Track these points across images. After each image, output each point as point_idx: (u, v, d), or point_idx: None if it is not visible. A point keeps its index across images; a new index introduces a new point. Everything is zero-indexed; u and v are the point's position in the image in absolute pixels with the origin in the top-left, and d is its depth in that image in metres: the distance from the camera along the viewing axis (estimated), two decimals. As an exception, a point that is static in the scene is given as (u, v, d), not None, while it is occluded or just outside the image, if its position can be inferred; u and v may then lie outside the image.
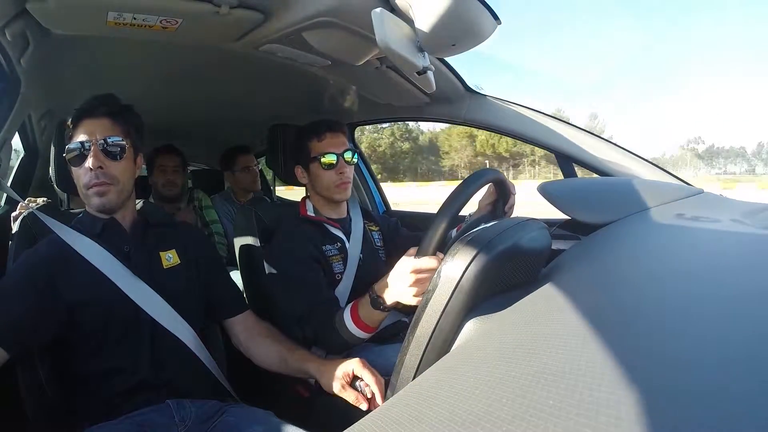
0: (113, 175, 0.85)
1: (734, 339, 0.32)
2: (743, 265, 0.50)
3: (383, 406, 0.38)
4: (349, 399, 0.80)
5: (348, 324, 0.92)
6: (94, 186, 0.83)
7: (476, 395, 0.33)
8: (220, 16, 0.90)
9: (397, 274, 0.79)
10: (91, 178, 0.83)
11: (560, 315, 0.43)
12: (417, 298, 0.78)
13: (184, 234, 0.99)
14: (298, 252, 1.09)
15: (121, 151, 0.85)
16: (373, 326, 0.91)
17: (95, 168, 0.82)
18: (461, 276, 0.50)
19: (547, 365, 0.34)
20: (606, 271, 0.55)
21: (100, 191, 0.84)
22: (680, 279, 0.48)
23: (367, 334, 0.93)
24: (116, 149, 0.85)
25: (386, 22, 0.69)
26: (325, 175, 1.14)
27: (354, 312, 0.92)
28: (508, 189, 0.90)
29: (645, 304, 0.43)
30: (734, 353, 0.29)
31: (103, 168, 0.83)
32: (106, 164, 0.84)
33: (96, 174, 0.83)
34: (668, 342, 0.33)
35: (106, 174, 0.84)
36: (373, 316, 0.89)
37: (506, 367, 0.36)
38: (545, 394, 0.29)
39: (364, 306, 0.89)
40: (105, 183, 0.84)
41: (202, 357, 0.91)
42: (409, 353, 0.52)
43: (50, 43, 0.96)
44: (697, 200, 0.92)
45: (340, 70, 1.23)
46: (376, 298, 0.86)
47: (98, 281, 0.82)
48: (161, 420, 0.78)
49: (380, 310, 0.87)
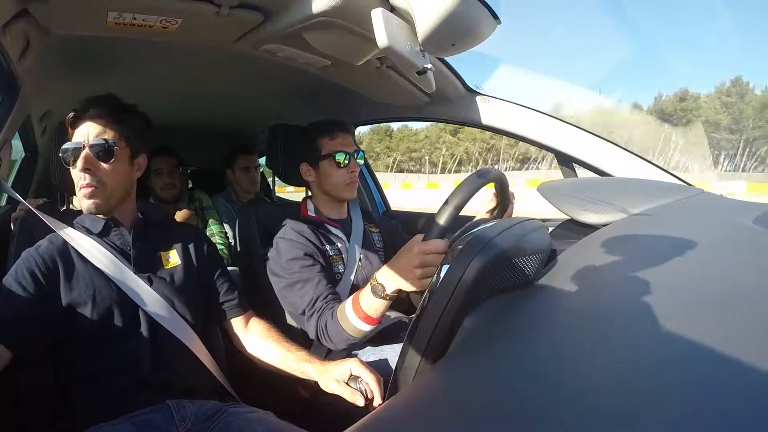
0: (100, 178, 0.85)
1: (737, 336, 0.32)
2: (743, 264, 0.50)
3: (383, 406, 0.38)
4: (349, 398, 0.80)
5: (349, 314, 0.93)
6: (82, 188, 0.84)
7: (476, 395, 0.33)
8: (220, 16, 0.90)
9: (403, 255, 0.81)
10: (79, 179, 0.84)
11: (560, 316, 0.43)
12: (420, 283, 0.79)
13: (185, 234, 1.00)
14: (298, 250, 1.09)
15: (109, 153, 0.85)
16: (375, 317, 0.92)
17: (83, 170, 0.82)
18: (461, 276, 0.50)
19: (547, 366, 0.34)
20: (606, 271, 0.55)
21: (87, 193, 0.84)
22: (680, 279, 0.48)
23: (369, 326, 0.93)
24: (105, 151, 0.85)
25: (386, 21, 0.69)
26: (337, 173, 1.16)
27: (355, 302, 0.93)
28: (508, 189, 0.90)
29: (645, 303, 0.42)
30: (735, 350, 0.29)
31: (92, 170, 0.83)
32: (96, 166, 0.84)
33: (83, 176, 0.83)
34: (667, 342, 0.33)
35: (94, 176, 0.84)
36: (375, 304, 0.89)
37: (506, 367, 0.36)
38: (545, 395, 0.29)
39: (365, 295, 0.91)
40: (91, 185, 0.84)
41: (202, 357, 0.91)
42: (409, 353, 0.52)
43: (50, 43, 0.97)
44: (697, 200, 0.92)
45: (340, 70, 1.23)
46: (376, 284, 0.87)
47: (98, 280, 0.83)
48: (161, 420, 0.78)
49: (380, 297, 0.87)
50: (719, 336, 0.32)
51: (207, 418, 0.82)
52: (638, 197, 0.90)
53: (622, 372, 0.29)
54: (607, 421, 0.25)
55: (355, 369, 0.81)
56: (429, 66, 0.79)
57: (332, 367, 0.84)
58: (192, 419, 0.80)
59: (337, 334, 0.97)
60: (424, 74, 0.82)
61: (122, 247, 0.88)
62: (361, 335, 0.96)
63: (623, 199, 0.89)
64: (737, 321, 0.34)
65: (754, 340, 0.31)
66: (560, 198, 0.95)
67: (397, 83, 1.31)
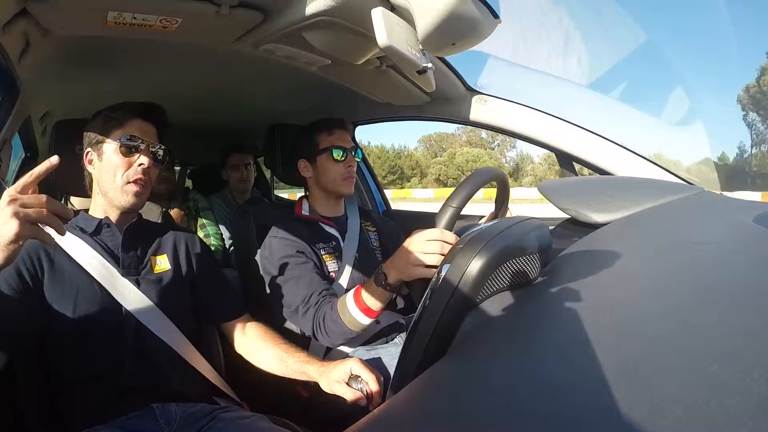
0: (152, 180, 0.90)
1: (737, 336, 0.32)
2: (744, 263, 0.50)
3: (383, 406, 0.38)
4: (349, 399, 0.80)
5: (350, 305, 0.94)
6: (135, 182, 0.86)
7: (476, 395, 0.33)
8: (220, 16, 0.90)
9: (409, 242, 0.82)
10: (137, 173, 0.86)
11: (560, 315, 0.43)
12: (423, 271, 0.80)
13: (177, 238, 0.99)
14: (290, 248, 1.10)
15: (162, 160, 0.91)
16: (375, 309, 0.93)
17: (146, 167, 0.87)
18: (462, 275, 0.50)
19: (547, 365, 0.34)
20: (606, 270, 0.55)
21: (138, 191, 0.87)
22: (680, 277, 0.48)
23: (368, 319, 0.94)
24: (161, 158, 0.90)
25: (386, 20, 0.69)
26: (334, 167, 1.17)
27: (357, 293, 0.94)
28: (509, 188, 0.91)
29: (646, 303, 0.42)
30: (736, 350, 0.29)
31: (150, 169, 0.88)
32: (151, 168, 0.88)
33: (144, 171, 0.87)
34: (667, 341, 0.33)
35: (149, 176, 0.88)
36: (376, 294, 0.90)
37: (506, 366, 0.36)
38: (545, 394, 0.29)
39: (368, 285, 0.92)
40: (147, 184, 0.88)
41: (192, 360, 0.90)
42: (409, 352, 0.52)
43: (50, 43, 0.96)
44: (697, 198, 0.92)
45: (340, 70, 1.23)
46: (379, 273, 0.88)
47: (82, 281, 0.82)
48: (146, 424, 0.77)
49: (382, 287, 0.88)
50: (719, 336, 0.32)
51: (194, 421, 0.80)
52: (638, 196, 0.90)
53: (623, 371, 0.29)
54: (608, 422, 0.25)
55: (355, 369, 0.82)
56: (429, 65, 0.79)
57: (332, 368, 0.84)
58: (178, 422, 0.79)
59: (335, 328, 0.98)
60: (425, 73, 0.82)
61: (112, 249, 0.88)
62: (360, 329, 0.96)
63: (624, 198, 0.89)
64: (737, 320, 0.34)
65: (755, 339, 0.31)
66: (560, 197, 0.95)
67: (397, 83, 1.30)
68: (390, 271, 0.87)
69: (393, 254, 0.88)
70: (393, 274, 0.87)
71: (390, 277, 0.87)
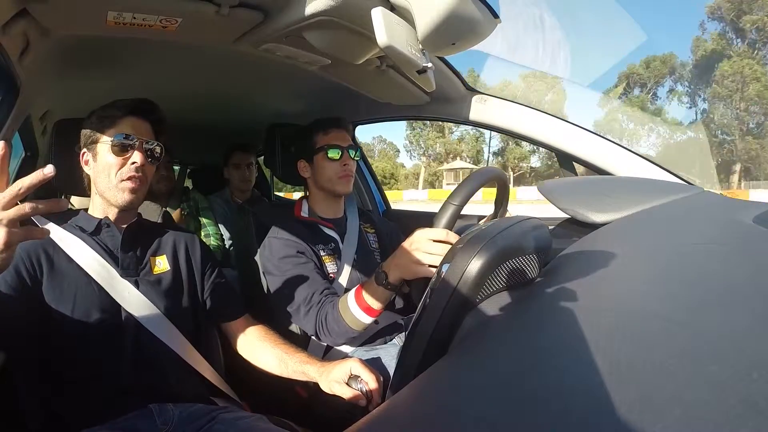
0: (147, 177, 0.88)
1: (737, 335, 0.32)
2: (743, 263, 0.50)
3: (383, 406, 0.38)
4: (348, 398, 0.80)
5: (351, 304, 0.94)
6: (130, 179, 0.85)
7: (476, 394, 0.33)
8: (220, 16, 0.90)
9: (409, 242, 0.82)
10: (130, 170, 0.85)
11: (560, 314, 0.43)
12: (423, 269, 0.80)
13: (177, 239, 0.99)
14: (290, 248, 1.10)
15: (159, 158, 0.90)
16: (376, 308, 0.93)
17: (139, 165, 0.85)
18: (461, 275, 0.50)
19: (548, 365, 0.34)
20: (606, 270, 0.55)
21: (134, 188, 0.86)
22: (680, 277, 0.48)
23: (369, 318, 0.94)
24: (157, 155, 0.89)
25: (386, 20, 0.69)
26: (330, 166, 1.18)
27: (359, 292, 0.94)
28: (508, 188, 0.91)
29: (645, 302, 0.42)
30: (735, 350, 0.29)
31: (144, 167, 0.87)
32: (145, 165, 0.87)
33: (138, 168, 0.86)
34: (667, 341, 0.33)
35: (144, 174, 0.87)
36: (377, 293, 0.91)
37: (506, 366, 0.36)
38: (546, 394, 0.29)
39: (369, 284, 0.92)
40: (141, 180, 0.87)
41: (191, 361, 0.90)
42: (409, 352, 0.52)
43: (50, 43, 0.96)
44: (697, 198, 0.92)
45: (340, 69, 1.23)
46: (380, 272, 0.89)
47: (81, 281, 0.82)
48: (144, 424, 0.77)
49: (383, 286, 0.89)
50: (720, 335, 0.32)
51: (193, 421, 0.80)
52: (638, 196, 0.90)
53: (622, 371, 0.29)
54: (607, 421, 0.25)
55: (355, 369, 0.82)
56: (429, 65, 0.79)
57: (332, 368, 0.84)
58: (176, 422, 0.79)
59: (337, 327, 0.98)
60: (425, 73, 0.82)
61: (112, 249, 0.88)
62: (362, 328, 0.97)
63: (623, 198, 0.89)
64: (737, 320, 0.34)
65: (755, 339, 0.31)
66: (560, 196, 0.95)
67: (397, 82, 1.30)
68: (391, 270, 0.87)
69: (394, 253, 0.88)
70: (394, 272, 0.87)
71: (391, 276, 0.87)
